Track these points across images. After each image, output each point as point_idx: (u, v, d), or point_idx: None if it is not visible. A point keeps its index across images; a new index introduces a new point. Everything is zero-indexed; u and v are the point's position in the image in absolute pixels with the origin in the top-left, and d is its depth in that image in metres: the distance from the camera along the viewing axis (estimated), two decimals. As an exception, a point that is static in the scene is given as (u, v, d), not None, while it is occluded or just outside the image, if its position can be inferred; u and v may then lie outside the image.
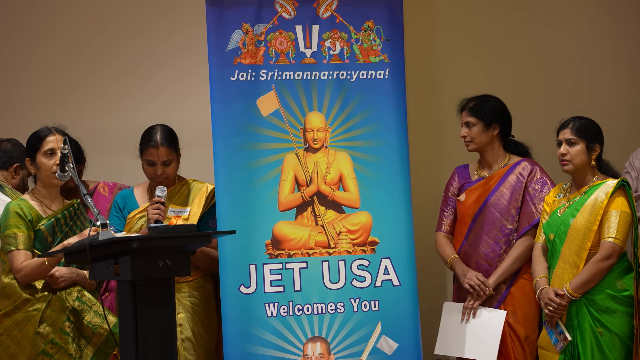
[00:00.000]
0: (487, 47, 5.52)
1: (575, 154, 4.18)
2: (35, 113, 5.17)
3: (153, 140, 4.33)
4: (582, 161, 4.18)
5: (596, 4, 5.54)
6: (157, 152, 4.33)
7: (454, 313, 4.45)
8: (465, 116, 4.50)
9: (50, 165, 4.12)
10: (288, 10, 4.43)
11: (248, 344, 4.27)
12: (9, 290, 4.07)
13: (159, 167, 4.34)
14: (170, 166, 4.37)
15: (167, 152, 4.34)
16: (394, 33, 4.48)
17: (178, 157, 4.43)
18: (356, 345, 4.36)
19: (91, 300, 4.15)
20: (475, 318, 4.40)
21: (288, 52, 4.42)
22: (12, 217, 4.08)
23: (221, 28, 4.36)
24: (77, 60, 5.38)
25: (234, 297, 4.28)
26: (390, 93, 4.46)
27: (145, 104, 5.39)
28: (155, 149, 4.33)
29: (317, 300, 4.35)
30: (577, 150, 4.18)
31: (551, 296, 4.11)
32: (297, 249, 4.36)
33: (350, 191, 4.42)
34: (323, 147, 4.43)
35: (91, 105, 5.33)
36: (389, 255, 4.41)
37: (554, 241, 4.19)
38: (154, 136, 4.34)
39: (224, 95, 4.34)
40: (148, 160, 4.35)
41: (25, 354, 4.03)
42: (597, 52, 5.52)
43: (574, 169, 4.19)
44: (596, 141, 4.20)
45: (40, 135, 4.17)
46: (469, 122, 4.48)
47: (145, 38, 5.40)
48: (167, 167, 4.35)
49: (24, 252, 4.05)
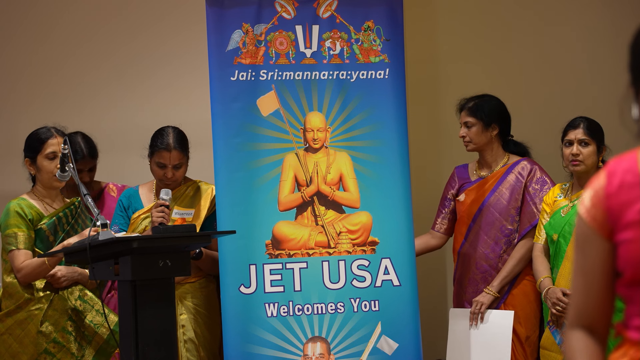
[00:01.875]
0: (487, 47, 5.52)
1: (587, 154, 4.18)
2: (35, 112, 5.17)
3: (165, 143, 4.30)
4: (593, 162, 4.18)
5: (597, 3, 5.54)
6: (170, 155, 4.31)
7: (461, 319, 4.43)
8: (464, 116, 4.49)
9: (52, 169, 4.11)
10: (288, 10, 4.43)
11: (248, 344, 4.27)
12: (11, 289, 4.08)
13: (169, 170, 4.32)
14: (180, 169, 4.35)
15: (179, 155, 4.33)
16: (394, 33, 4.48)
17: (187, 160, 4.41)
18: (356, 345, 4.36)
19: (93, 300, 4.16)
20: (483, 322, 4.38)
21: (288, 52, 4.42)
22: (13, 216, 4.08)
23: (221, 28, 4.35)
24: (77, 60, 5.37)
25: (234, 297, 4.28)
26: (390, 93, 4.45)
27: (146, 104, 5.38)
28: (168, 152, 4.30)
29: (317, 300, 4.35)
30: (589, 150, 4.18)
31: (559, 296, 4.10)
32: (297, 249, 4.36)
33: (350, 191, 4.42)
34: (323, 147, 4.43)
35: (91, 105, 5.33)
36: (389, 255, 4.41)
37: (557, 241, 4.18)
38: (167, 139, 4.32)
39: (224, 95, 4.34)
40: (159, 163, 4.33)
41: (27, 353, 4.03)
42: (599, 52, 5.51)
43: (585, 170, 4.18)
44: (603, 142, 4.22)
45: (42, 137, 4.15)
46: (468, 122, 4.47)
47: (145, 38, 5.40)
48: (177, 170, 4.34)
49: (24, 252, 4.06)
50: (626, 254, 1.87)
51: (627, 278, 1.88)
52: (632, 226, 1.86)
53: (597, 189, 1.93)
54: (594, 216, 1.92)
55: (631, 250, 1.86)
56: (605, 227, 1.91)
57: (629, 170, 1.91)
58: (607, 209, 1.90)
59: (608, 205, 1.90)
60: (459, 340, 4.41)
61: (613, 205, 1.90)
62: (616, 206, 1.89)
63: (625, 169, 1.91)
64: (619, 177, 1.91)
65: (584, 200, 1.95)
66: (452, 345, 4.45)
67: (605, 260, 1.91)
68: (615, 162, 1.96)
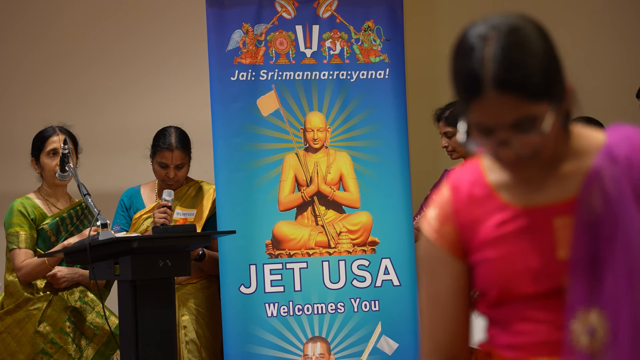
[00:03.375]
0: (487, 47, 5.51)
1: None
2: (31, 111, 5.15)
3: (167, 143, 4.29)
4: None
5: (597, 4, 5.54)
6: (172, 155, 4.29)
7: None
8: (443, 127, 4.40)
9: (53, 166, 4.11)
10: (288, 10, 4.43)
11: (248, 344, 4.27)
12: (12, 288, 4.08)
13: (171, 170, 4.30)
14: (182, 169, 4.34)
15: (181, 156, 4.31)
16: (394, 33, 4.49)
17: (190, 160, 4.40)
18: (356, 345, 4.36)
19: (94, 301, 4.15)
20: None
21: (288, 52, 4.42)
22: (15, 215, 4.08)
23: (221, 28, 4.35)
24: (76, 60, 5.37)
25: (234, 297, 4.28)
26: (390, 93, 4.46)
27: (145, 103, 5.38)
28: (170, 153, 4.29)
29: (317, 300, 4.35)
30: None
31: None
32: (297, 249, 4.36)
33: (351, 191, 4.42)
34: (323, 147, 4.43)
35: (89, 105, 5.33)
36: (389, 255, 4.41)
37: None
38: (169, 139, 4.30)
39: (224, 95, 4.34)
40: (161, 163, 4.31)
41: (24, 353, 4.03)
42: (598, 52, 5.52)
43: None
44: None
45: (45, 135, 4.17)
46: (448, 133, 4.39)
47: (145, 38, 5.40)
48: (179, 170, 4.32)
49: (25, 251, 4.06)
50: (487, 274, 1.71)
51: (491, 299, 1.73)
52: (490, 244, 1.71)
53: (442, 205, 1.77)
54: (443, 235, 1.75)
55: (493, 270, 1.71)
56: (457, 246, 1.75)
57: (476, 182, 1.75)
58: (457, 226, 1.74)
59: (458, 222, 1.74)
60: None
61: (463, 222, 1.74)
62: (467, 222, 1.74)
63: (471, 181, 1.76)
64: (466, 190, 1.75)
65: (428, 220, 1.78)
66: None
67: (460, 283, 1.75)
68: (457, 175, 1.79)
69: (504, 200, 1.72)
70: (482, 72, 1.59)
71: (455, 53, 1.66)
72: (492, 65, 1.59)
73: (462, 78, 1.63)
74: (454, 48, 1.67)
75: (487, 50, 1.61)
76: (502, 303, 1.73)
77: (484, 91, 1.59)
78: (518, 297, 1.70)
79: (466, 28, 1.67)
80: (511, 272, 1.69)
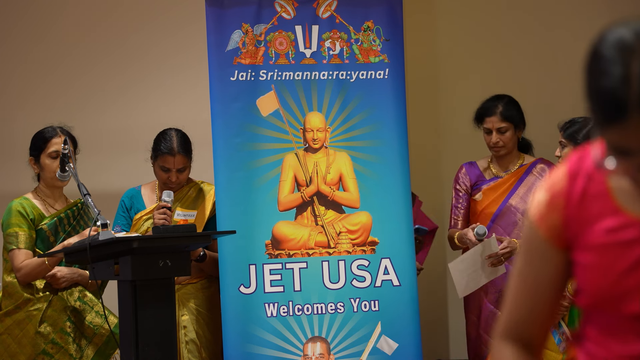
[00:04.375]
0: (487, 47, 5.52)
1: None
2: (31, 111, 5.16)
3: (169, 147, 4.27)
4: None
5: (596, 6, 5.54)
6: (174, 159, 4.28)
7: (459, 264, 4.30)
8: (497, 122, 4.37)
9: (54, 168, 4.11)
10: (288, 10, 4.43)
11: (248, 344, 4.27)
12: (11, 289, 4.08)
13: (173, 174, 4.29)
14: (184, 173, 4.33)
15: (183, 160, 4.30)
16: (393, 33, 4.49)
17: (191, 162, 4.40)
18: (356, 345, 4.36)
19: (92, 301, 4.15)
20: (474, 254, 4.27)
21: (288, 52, 4.42)
22: (14, 215, 4.08)
23: (221, 28, 4.36)
24: (76, 60, 5.37)
25: (234, 297, 4.28)
26: (390, 93, 4.46)
27: (145, 103, 5.38)
28: (172, 157, 4.28)
29: (317, 300, 4.36)
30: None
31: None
32: (297, 249, 4.36)
33: (350, 191, 4.42)
34: (323, 147, 4.43)
35: (89, 105, 5.33)
36: (389, 255, 4.41)
37: None
38: (170, 143, 4.28)
39: (223, 95, 4.34)
40: (163, 167, 4.30)
41: (25, 354, 4.03)
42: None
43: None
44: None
45: (46, 136, 4.16)
46: (502, 128, 4.37)
47: (145, 38, 5.40)
48: (181, 173, 4.32)
49: (25, 251, 4.06)
50: (583, 280, 1.61)
51: (588, 302, 1.63)
52: (593, 250, 1.59)
53: (554, 193, 1.63)
54: (549, 225, 1.63)
55: (588, 278, 1.60)
56: (560, 238, 1.63)
57: (593, 177, 1.60)
58: (565, 218, 1.62)
59: (566, 214, 1.62)
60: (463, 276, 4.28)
61: (572, 215, 1.61)
62: (576, 217, 1.61)
63: (589, 174, 1.60)
64: (582, 183, 1.60)
65: (538, 202, 1.65)
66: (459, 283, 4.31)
67: (554, 273, 1.64)
68: (576, 160, 1.64)
69: (619, 205, 1.58)
70: (626, 95, 1.41)
71: (592, 65, 1.47)
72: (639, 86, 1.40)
73: (601, 98, 1.43)
74: (590, 57, 1.47)
75: (633, 67, 1.42)
76: (591, 307, 1.63)
77: (627, 115, 1.41)
78: (622, 313, 1.57)
79: (605, 33, 1.48)
80: (615, 285, 1.56)
